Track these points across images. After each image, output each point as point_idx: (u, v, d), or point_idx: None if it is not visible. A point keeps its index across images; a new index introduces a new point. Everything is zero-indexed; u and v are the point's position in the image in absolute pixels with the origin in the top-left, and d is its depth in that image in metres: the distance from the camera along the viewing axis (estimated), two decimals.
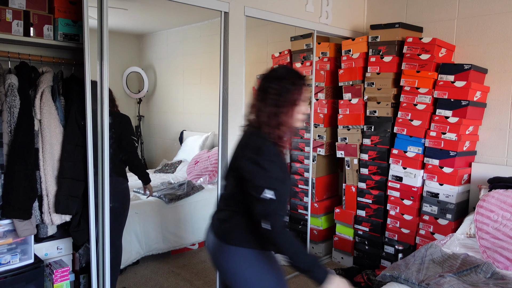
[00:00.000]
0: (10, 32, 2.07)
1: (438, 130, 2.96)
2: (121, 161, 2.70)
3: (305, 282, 3.23)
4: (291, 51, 3.83)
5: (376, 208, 3.33)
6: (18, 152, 2.05)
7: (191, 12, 3.53)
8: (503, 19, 2.98)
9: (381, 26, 3.27)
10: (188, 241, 3.66)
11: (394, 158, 3.17)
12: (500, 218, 2.40)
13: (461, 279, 2.00)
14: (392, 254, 3.21)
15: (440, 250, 2.31)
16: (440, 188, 2.97)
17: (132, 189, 3.13)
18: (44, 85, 2.15)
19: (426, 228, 3.05)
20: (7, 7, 2.05)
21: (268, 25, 3.33)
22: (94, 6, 2.14)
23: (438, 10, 3.32)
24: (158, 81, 4.29)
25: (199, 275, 3.28)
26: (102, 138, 2.22)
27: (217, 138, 2.89)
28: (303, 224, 3.74)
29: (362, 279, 3.12)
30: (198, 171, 4.05)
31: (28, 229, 2.12)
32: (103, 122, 2.21)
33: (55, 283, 2.19)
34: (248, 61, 2.90)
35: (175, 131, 4.54)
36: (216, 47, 2.76)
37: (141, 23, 4.16)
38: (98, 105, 2.20)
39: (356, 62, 3.40)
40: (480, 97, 2.98)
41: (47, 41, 2.19)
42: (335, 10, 3.45)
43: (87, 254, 2.36)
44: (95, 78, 2.17)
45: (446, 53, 3.14)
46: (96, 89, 2.18)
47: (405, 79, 3.10)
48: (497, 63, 3.02)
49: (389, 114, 3.22)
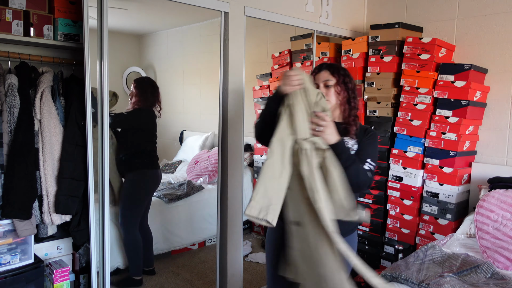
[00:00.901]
0: (10, 32, 2.06)
1: (438, 130, 2.96)
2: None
3: None
4: (291, 51, 3.83)
5: (376, 208, 3.32)
6: (18, 152, 2.05)
7: (191, 12, 3.52)
8: (503, 19, 2.98)
9: (381, 26, 3.27)
10: (188, 241, 3.66)
11: (394, 158, 3.17)
12: (500, 218, 2.39)
13: (461, 279, 2.00)
14: (392, 254, 3.21)
15: (440, 250, 2.31)
16: (440, 188, 2.97)
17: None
18: (44, 85, 2.14)
19: (426, 228, 3.05)
20: (7, 7, 2.05)
21: (268, 25, 3.33)
22: (94, 6, 2.14)
23: (438, 10, 3.32)
24: (158, 81, 4.28)
25: (199, 275, 3.28)
26: (102, 138, 2.22)
27: (217, 138, 2.89)
28: None
29: (362, 279, 3.12)
30: (198, 171, 4.05)
31: (28, 229, 2.12)
32: (103, 122, 2.21)
33: (55, 283, 2.19)
34: (248, 61, 2.90)
35: (175, 131, 4.53)
36: (216, 47, 2.76)
37: (141, 23, 4.15)
38: (98, 105, 2.20)
39: (356, 62, 3.40)
40: (480, 97, 2.98)
41: (47, 41, 2.19)
42: (335, 10, 3.45)
43: (87, 254, 2.36)
44: (95, 78, 2.17)
45: (446, 53, 3.14)
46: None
47: (405, 79, 3.10)
48: (497, 63, 3.02)
49: (389, 114, 3.22)
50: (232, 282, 2.89)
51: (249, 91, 4.08)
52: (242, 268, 2.97)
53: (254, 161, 4.16)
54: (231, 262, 2.87)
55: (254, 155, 4.17)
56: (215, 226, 2.90)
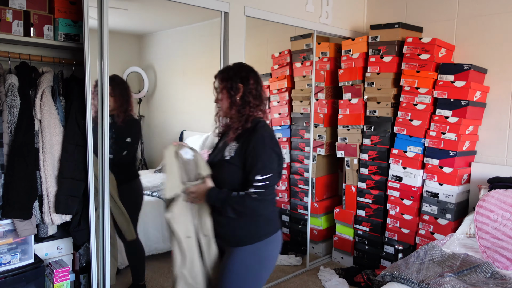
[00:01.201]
0: (11, 32, 2.07)
1: (438, 130, 2.96)
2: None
3: (305, 282, 3.23)
4: (291, 51, 3.84)
5: (376, 208, 3.33)
6: (18, 152, 2.05)
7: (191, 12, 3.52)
8: (503, 19, 2.99)
9: (381, 26, 3.27)
10: None
11: (394, 158, 3.17)
12: (500, 218, 2.40)
13: (461, 279, 2.01)
14: (392, 254, 3.21)
15: (440, 250, 2.31)
16: (440, 188, 2.97)
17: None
18: (44, 85, 2.15)
19: (426, 228, 3.05)
20: (7, 7, 2.05)
21: (268, 25, 3.33)
22: (94, 6, 2.14)
23: (438, 10, 3.32)
24: (158, 81, 4.28)
25: None
26: (102, 138, 2.22)
27: None
28: (303, 224, 3.74)
29: (362, 279, 3.13)
30: None
31: (29, 229, 2.12)
32: (103, 122, 2.21)
33: (55, 283, 2.19)
34: (248, 61, 2.90)
35: (175, 131, 4.53)
36: (216, 47, 2.76)
37: (141, 23, 4.16)
38: (98, 105, 2.20)
39: (356, 62, 3.40)
40: (480, 97, 2.98)
41: (47, 41, 2.19)
42: (335, 10, 3.45)
43: (87, 254, 2.36)
44: (95, 78, 2.17)
45: (446, 53, 3.14)
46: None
47: (405, 79, 3.10)
48: (497, 63, 3.02)
49: (389, 114, 3.22)
50: None
51: None
52: None
53: None
54: None
55: None
56: None
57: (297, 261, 3.57)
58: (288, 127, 3.88)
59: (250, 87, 1.77)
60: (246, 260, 1.74)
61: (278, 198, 3.95)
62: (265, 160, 1.67)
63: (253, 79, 1.79)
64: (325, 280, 3.19)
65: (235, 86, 1.77)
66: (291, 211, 3.89)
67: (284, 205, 3.94)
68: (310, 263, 3.53)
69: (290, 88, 3.86)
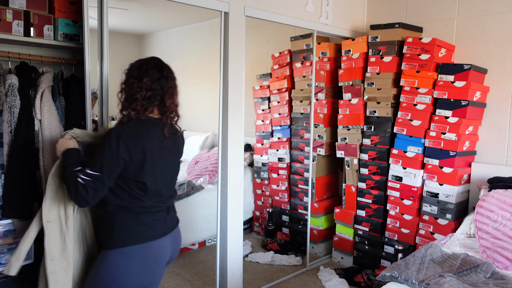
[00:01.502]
0: (11, 32, 2.07)
1: (438, 130, 2.96)
2: None
3: (305, 282, 3.23)
4: (291, 51, 3.84)
5: (376, 208, 3.33)
6: (18, 152, 2.05)
7: (191, 12, 3.53)
8: (503, 19, 2.99)
9: (381, 26, 3.27)
10: (188, 241, 3.67)
11: (394, 158, 3.17)
12: (500, 218, 2.40)
13: (461, 279, 2.01)
14: (392, 254, 3.21)
15: (440, 250, 2.31)
16: (440, 188, 2.97)
17: None
18: (44, 85, 2.15)
19: (426, 228, 3.05)
20: (7, 7, 2.05)
21: (268, 25, 3.33)
22: (94, 6, 2.15)
23: (438, 10, 3.32)
24: None
25: (199, 275, 3.28)
26: None
27: (217, 138, 2.90)
28: (303, 224, 3.75)
29: (362, 279, 3.13)
30: (198, 171, 4.05)
31: None
32: (103, 122, 2.21)
33: None
34: (248, 61, 2.90)
35: None
36: (216, 47, 2.76)
37: (141, 23, 4.16)
38: (98, 105, 2.20)
39: (356, 62, 3.40)
40: (480, 97, 2.98)
41: (47, 41, 2.19)
42: (335, 10, 3.45)
43: None
44: (95, 78, 2.18)
45: (446, 53, 3.14)
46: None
47: (405, 79, 3.10)
48: (497, 63, 3.02)
49: (389, 114, 3.22)
50: (232, 282, 2.89)
51: (249, 91, 4.08)
52: (242, 268, 2.97)
53: (254, 161, 4.16)
54: (231, 262, 2.87)
55: (254, 155, 4.17)
56: (215, 226, 2.90)
57: (297, 261, 3.57)
58: (288, 127, 3.88)
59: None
60: (99, 266, 1.67)
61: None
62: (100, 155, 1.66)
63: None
64: (325, 280, 3.20)
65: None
66: (291, 211, 3.89)
67: (284, 205, 3.94)
68: (310, 263, 3.54)
69: (290, 88, 3.86)
